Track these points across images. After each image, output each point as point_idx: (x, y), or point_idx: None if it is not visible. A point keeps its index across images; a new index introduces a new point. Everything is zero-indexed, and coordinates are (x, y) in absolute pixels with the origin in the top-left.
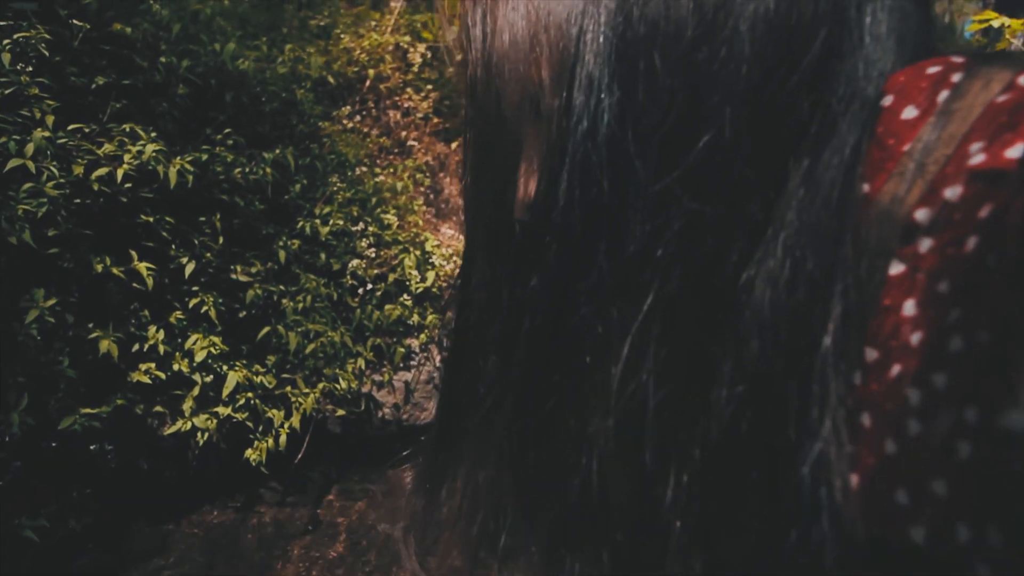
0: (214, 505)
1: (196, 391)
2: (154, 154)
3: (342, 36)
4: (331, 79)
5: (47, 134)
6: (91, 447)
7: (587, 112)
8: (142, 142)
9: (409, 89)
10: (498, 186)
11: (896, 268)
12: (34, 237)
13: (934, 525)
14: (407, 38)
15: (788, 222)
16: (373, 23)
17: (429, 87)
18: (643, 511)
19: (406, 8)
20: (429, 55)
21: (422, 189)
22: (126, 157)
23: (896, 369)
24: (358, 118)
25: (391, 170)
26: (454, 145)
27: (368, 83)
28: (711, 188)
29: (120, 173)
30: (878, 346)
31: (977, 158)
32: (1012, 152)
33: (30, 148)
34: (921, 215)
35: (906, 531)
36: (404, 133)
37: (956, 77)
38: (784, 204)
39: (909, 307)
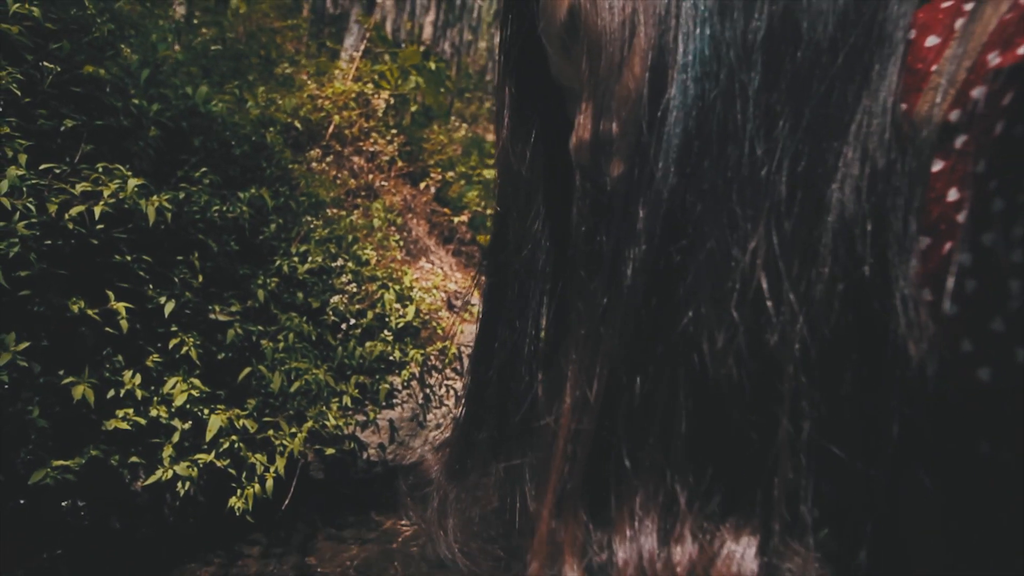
0: (194, 561)
1: (176, 437)
2: (136, 189)
3: (308, 83)
4: (298, 124)
5: (21, 172)
6: (62, 503)
7: (692, 55)
8: (118, 181)
9: (374, 134)
10: (549, 131)
11: (937, 165)
12: (4, 279)
13: (996, 358)
14: (370, 86)
15: (860, 137)
16: (337, 72)
17: (394, 131)
18: (757, 414)
19: (365, 62)
20: (392, 101)
21: (393, 229)
22: (105, 193)
23: (948, 246)
24: (327, 161)
25: (362, 210)
26: (422, 185)
27: (332, 128)
28: (803, 105)
29: (98, 210)
30: (929, 233)
31: (995, 61)
32: (1022, 50)
33: (4, 185)
34: (954, 115)
35: (974, 373)
36: (371, 176)
37: (968, 6)
38: (856, 126)
39: (952, 194)
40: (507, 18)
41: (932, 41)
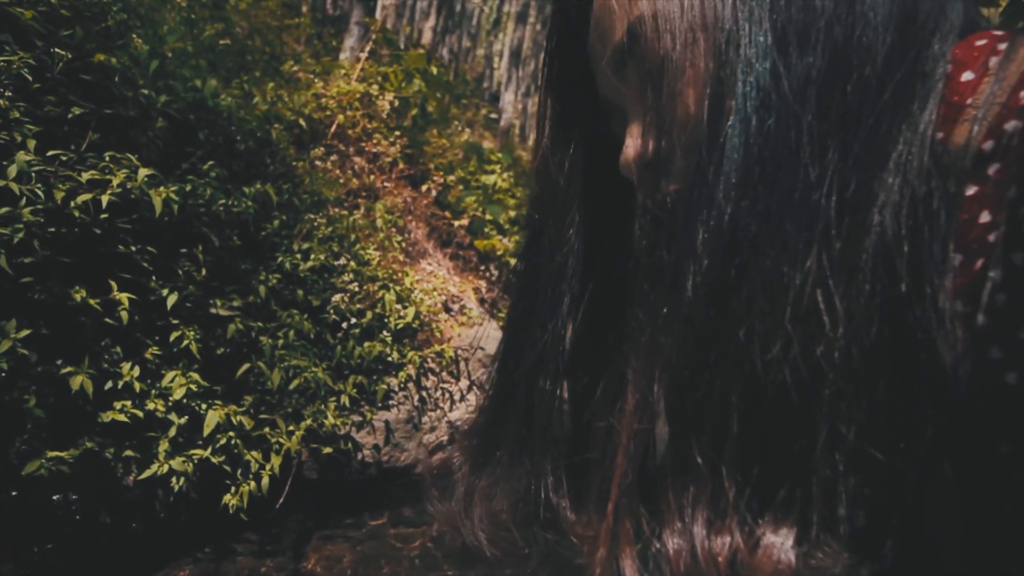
0: (185, 558)
1: (172, 431)
2: (146, 179)
3: (315, 81)
4: (302, 122)
5: (30, 157)
6: (54, 497)
7: (753, 76)
8: (126, 170)
9: (377, 135)
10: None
11: (970, 190)
12: (7, 265)
13: (1022, 366)
14: (375, 88)
15: (901, 165)
16: (342, 71)
17: (397, 133)
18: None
19: (371, 63)
20: (396, 103)
21: (394, 230)
22: (114, 182)
23: (980, 262)
24: (331, 160)
25: (364, 210)
26: (424, 188)
27: (334, 128)
28: (852, 136)
29: (106, 199)
30: (962, 251)
31: None
32: None
33: (13, 170)
34: (988, 145)
35: (1002, 377)
36: (372, 177)
37: (1002, 46)
38: (897, 155)
39: (984, 216)
40: (553, 31)
41: (968, 76)
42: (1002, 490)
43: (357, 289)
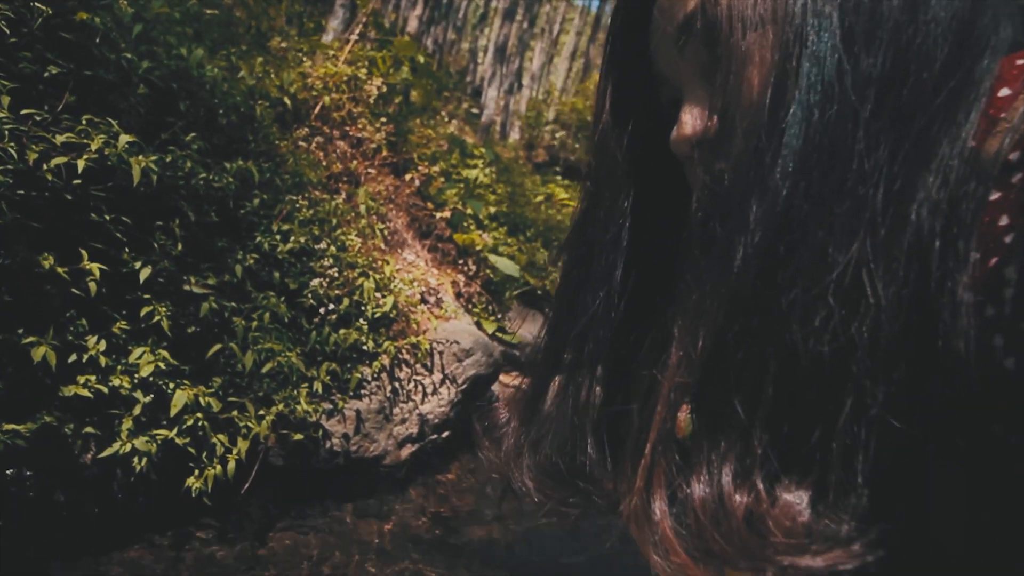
0: (141, 542)
1: (137, 410)
2: (126, 145)
3: (303, 60)
4: (287, 101)
5: (2, 115)
6: (8, 471)
7: (816, 68)
8: (104, 136)
9: (362, 120)
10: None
11: (994, 195)
12: None
13: (1021, 351)
14: (363, 71)
15: (942, 168)
16: (331, 52)
17: (383, 119)
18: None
19: (360, 45)
20: (384, 88)
21: (375, 218)
22: (92, 146)
23: (994, 260)
24: (315, 141)
25: (344, 195)
26: (407, 177)
27: (319, 109)
28: (903, 136)
29: (81, 164)
30: (980, 249)
31: None
32: None
33: None
34: (1014, 156)
35: (1002, 363)
36: (355, 162)
37: None
38: (940, 158)
39: (1004, 219)
40: (620, 9)
41: (1005, 92)
42: (995, 468)
43: (336, 275)
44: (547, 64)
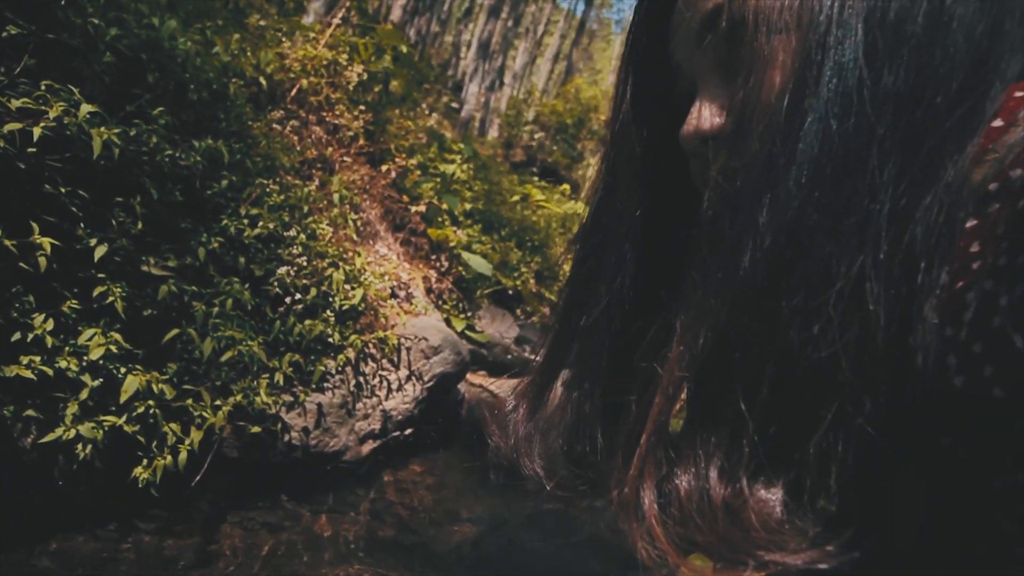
0: (82, 533)
1: (84, 394)
2: (88, 116)
3: (283, 40)
4: (263, 81)
5: None
6: None
7: (838, 73)
8: (64, 103)
9: (340, 106)
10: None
11: (971, 223)
12: None
13: (970, 373)
14: (343, 56)
15: (939, 193)
16: (311, 35)
17: (362, 107)
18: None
19: (343, 29)
20: (365, 76)
21: (348, 208)
22: (51, 114)
23: (960, 284)
24: (290, 124)
25: (318, 182)
26: (383, 168)
27: (295, 92)
28: (913, 157)
29: (37, 132)
30: (950, 272)
31: None
32: None
33: None
34: (993, 187)
35: (951, 381)
36: (330, 149)
37: None
38: (941, 183)
39: (975, 246)
40: (643, 2)
41: (997, 123)
42: (947, 476)
43: (304, 264)
44: (530, 64)
